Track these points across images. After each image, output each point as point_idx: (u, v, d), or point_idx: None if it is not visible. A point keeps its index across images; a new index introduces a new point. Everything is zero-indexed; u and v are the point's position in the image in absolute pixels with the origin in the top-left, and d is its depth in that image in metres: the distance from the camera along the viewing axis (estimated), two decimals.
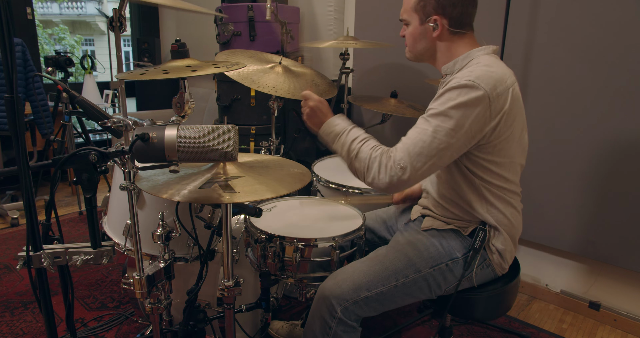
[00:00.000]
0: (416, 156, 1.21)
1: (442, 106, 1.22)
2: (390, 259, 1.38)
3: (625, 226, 2.00)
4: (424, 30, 1.36)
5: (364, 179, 1.29)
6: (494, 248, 1.39)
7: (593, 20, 1.95)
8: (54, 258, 0.97)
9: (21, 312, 2.11)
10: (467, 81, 1.20)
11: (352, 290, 1.31)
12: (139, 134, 0.88)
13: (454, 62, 1.35)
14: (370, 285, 1.32)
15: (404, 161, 1.21)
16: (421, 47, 1.39)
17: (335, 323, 1.31)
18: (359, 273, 1.35)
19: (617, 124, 1.96)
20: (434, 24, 1.33)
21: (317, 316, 1.35)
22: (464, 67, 1.31)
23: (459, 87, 1.21)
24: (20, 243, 2.78)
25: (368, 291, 1.32)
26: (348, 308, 1.31)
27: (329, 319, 1.32)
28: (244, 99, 2.87)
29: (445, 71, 1.39)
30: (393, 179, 1.22)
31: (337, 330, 1.32)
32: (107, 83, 4.14)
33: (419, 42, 1.39)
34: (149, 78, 0.95)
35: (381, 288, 1.33)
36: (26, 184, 0.93)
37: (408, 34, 1.40)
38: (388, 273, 1.34)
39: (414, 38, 1.39)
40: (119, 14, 1.13)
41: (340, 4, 3.05)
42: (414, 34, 1.38)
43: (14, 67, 0.88)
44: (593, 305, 2.22)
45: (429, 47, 1.38)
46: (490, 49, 1.35)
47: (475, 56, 1.32)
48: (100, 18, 10.58)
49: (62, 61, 2.90)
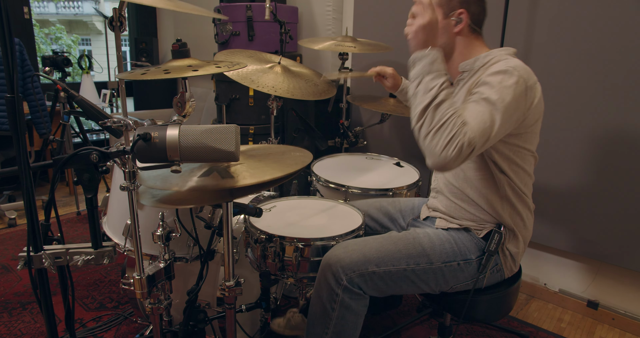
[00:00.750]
0: (479, 137, 1.13)
1: (492, 89, 1.18)
2: (404, 243, 1.37)
3: (624, 225, 2.01)
4: (446, 24, 1.34)
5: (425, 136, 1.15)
6: (508, 252, 1.39)
7: (591, 20, 1.96)
8: (55, 258, 0.97)
9: (19, 312, 2.11)
10: (508, 67, 1.20)
11: (361, 262, 1.31)
12: (141, 134, 0.87)
13: (475, 59, 1.35)
14: (380, 262, 1.32)
15: (475, 140, 1.11)
16: (441, 42, 1.35)
17: (342, 290, 1.31)
18: (370, 247, 1.35)
19: (616, 123, 1.96)
20: (457, 18, 1.32)
21: (324, 284, 1.34)
22: (488, 63, 1.31)
23: (501, 73, 1.20)
24: (18, 244, 2.77)
25: (377, 267, 1.32)
26: (353, 279, 1.30)
27: (335, 286, 1.31)
28: (243, 99, 2.87)
29: (463, 68, 1.38)
30: (459, 157, 1.11)
31: (344, 297, 1.31)
32: (105, 83, 4.13)
33: (439, 37, 1.33)
34: (150, 78, 0.94)
35: (390, 268, 1.32)
36: (27, 184, 0.92)
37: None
38: (400, 256, 1.34)
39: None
40: (119, 14, 1.12)
41: (338, 4, 3.05)
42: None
43: (14, 67, 0.88)
44: (591, 304, 2.22)
45: (449, 42, 1.36)
46: (511, 50, 1.36)
47: (497, 55, 1.32)
48: (97, 17, 10.55)
49: (59, 61, 2.89)
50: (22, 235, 2.88)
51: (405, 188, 1.88)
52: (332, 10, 3.04)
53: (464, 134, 1.11)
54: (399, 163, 2.19)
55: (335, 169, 2.10)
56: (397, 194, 1.86)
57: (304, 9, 3.18)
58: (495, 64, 1.28)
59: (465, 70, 1.38)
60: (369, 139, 2.93)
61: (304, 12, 3.19)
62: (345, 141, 2.43)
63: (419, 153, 2.72)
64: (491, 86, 1.19)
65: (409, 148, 2.75)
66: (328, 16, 3.06)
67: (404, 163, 2.19)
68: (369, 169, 2.13)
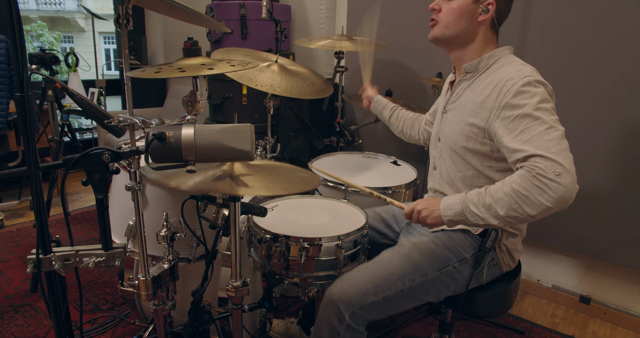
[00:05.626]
0: (558, 154, 1.10)
1: (530, 105, 1.17)
2: (396, 263, 1.37)
3: (615, 221, 2.05)
4: (473, 9, 1.31)
5: (536, 215, 1.12)
6: (505, 248, 1.41)
7: (585, 24, 1.99)
8: (64, 260, 0.95)
9: (11, 316, 2.06)
10: (528, 78, 1.20)
11: (359, 296, 1.31)
12: (156, 133, 0.86)
13: (479, 61, 1.35)
14: (377, 290, 1.32)
15: (555, 167, 1.09)
16: (463, 26, 1.33)
17: (344, 330, 1.31)
18: (365, 278, 1.34)
19: (607, 121, 2.00)
20: (485, 7, 1.31)
21: (325, 322, 1.34)
22: (492, 65, 1.32)
23: (527, 85, 1.20)
24: (6, 245, 2.71)
25: (375, 297, 1.32)
26: (356, 313, 1.31)
27: (337, 325, 1.31)
28: (236, 98, 2.84)
29: (467, 69, 1.39)
30: (558, 191, 1.08)
31: (345, 335, 1.32)
32: (92, 81, 4.05)
33: (462, 20, 1.32)
34: (164, 76, 0.93)
35: (387, 293, 1.33)
36: (36, 185, 0.90)
37: (451, 8, 1.33)
38: (394, 278, 1.34)
39: (460, 13, 1.32)
40: (125, 11, 1.11)
41: (331, 3, 3.05)
42: (461, 9, 1.31)
43: (25, 66, 0.86)
44: (583, 299, 2.27)
45: (469, 28, 1.34)
46: (511, 49, 1.37)
47: (501, 56, 1.33)
48: (79, 14, 10.35)
49: (47, 59, 2.82)
50: (10, 237, 2.82)
51: (403, 187, 1.89)
52: (325, 9, 3.04)
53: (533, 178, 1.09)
54: (396, 161, 2.21)
55: (333, 168, 2.10)
56: (396, 192, 1.87)
57: (297, 8, 3.17)
58: (490, 69, 1.31)
59: (470, 71, 1.39)
60: (363, 138, 2.94)
61: (297, 11, 3.18)
62: (341, 139, 2.43)
63: (414, 151, 2.75)
64: (527, 102, 1.18)
65: (404, 147, 2.76)
66: (321, 15, 3.06)
67: (401, 162, 2.20)
68: (367, 167, 2.14)
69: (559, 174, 1.08)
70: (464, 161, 1.37)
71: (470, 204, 1.18)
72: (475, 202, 1.17)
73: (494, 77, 1.29)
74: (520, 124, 1.16)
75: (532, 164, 1.11)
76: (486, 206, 1.16)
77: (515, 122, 1.17)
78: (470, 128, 1.32)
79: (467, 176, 1.38)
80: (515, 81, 1.21)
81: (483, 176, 1.36)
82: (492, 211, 1.15)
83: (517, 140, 1.16)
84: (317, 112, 2.80)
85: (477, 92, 1.33)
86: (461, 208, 1.20)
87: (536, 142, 1.12)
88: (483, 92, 1.30)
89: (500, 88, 1.24)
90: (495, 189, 1.16)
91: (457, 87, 1.43)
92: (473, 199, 1.18)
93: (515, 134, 1.17)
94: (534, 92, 1.18)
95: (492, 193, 1.16)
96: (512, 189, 1.12)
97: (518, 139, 1.16)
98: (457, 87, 1.43)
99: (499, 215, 1.14)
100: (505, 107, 1.21)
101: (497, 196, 1.14)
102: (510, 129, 1.18)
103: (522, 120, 1.16)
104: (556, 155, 1.09)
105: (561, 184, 1.07)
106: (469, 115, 1.33)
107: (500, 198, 1.13)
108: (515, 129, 1.17)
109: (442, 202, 1.25)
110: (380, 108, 1.97)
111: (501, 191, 1.14)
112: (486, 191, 1.18)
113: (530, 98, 1.18)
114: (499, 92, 1.24)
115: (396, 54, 2.69)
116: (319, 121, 2.90)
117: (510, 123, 1.19)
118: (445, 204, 1.23)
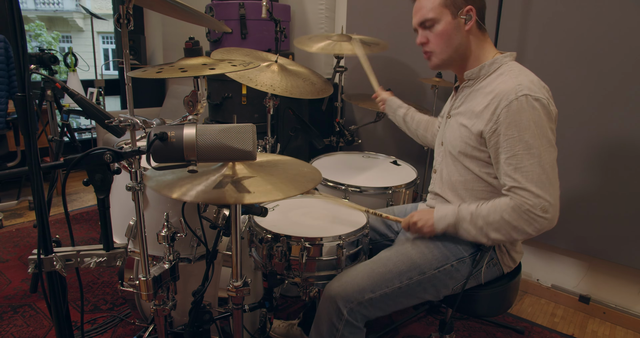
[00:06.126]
0: (547, 190, 1.20)
1: (524, 129, 1.21)
2: (394, 262, 1.39)
3: (615, 221, 2.06)
4: (457, 24, 1.32)
5: (520, 239, 1.29)
6: (504, 248, 1.41)
7: (585, 24, 2.00)
8: (66, 261, 0.95)
9: (11, 316, 2.05)
10: (525, 93, 1.20)
11: (357, 292, 1.32)
12: (158, 133, 0.86)
13: (480, 68, 1.36)
14: (375, 287, 1.34)
15: (542, 203, 1.20)
16: (457, 43, 1.34)
17: (342, 325, 1.33)
18: (362, 275, 1.36)
19: (608, 123, 2.01)
20: (466, 16, 1.31)
21: (325, 318, 1.36)
22: (493, 73, 1.33)
23: (524, 103, 1.20)
24: (5, 246, 2.70)
25: (372, 293, 1.33)
26: (354, 309, 1.32)
27: (336, 321, 1.33)
28: (235, 98, 2.84)
29: (469, 76, 1.39)
30: (544, 224, 1.22)
31: (344, 331, 1.33)
32: (91, 81, 4.05)
33: (453, 39, 1.33)
34: (166, 76, 0.93)
35: (385, 290, 1.34)
36: (37, 185, 0.90)
37: (437, 34, 1.35)
38: (392, 276, 1.36)
39: (448, 36, 1.34)
40: (125, 11, 1.10)
41: (331, 2, 3.05)
42: (447, 31, 1.33)
43: (26, 66, 0.86)
44: (583, 299, 2.27)
45: (463, 42, 1.35)
46: (513, 55, 1.36)
47: (503, 63, 1.34)
48: (78, 14, 10.33)
49: (46, 58, 2.82)
50: (10, 237, 2.81)
51: (403, 187, 1.89)
52: (324, 9, 3.04)
53: (520, 208, 1.21)
54: (396, 161, 2.21)
55: (333, 168, 2.10)
56: (396, 192, 1.87)
57: (296, 8, 3.17)
58: (491, 77, 1.32)
59: (471, 78, 1.39)
60: (363, 138, 2.94)
61: (297, 11, 3.18)
62: (341, 139, 2.43)
63: (414, 151, 2.75)
64: (517, 127, 1.21)
65: (404, 147, 2.76)
66: (320, 14, 3.06)
67: (401, 162, 2.20)
68: (367, 167, 2.14)
69: (546, 210, 1.20)
70: (463, 166, 1.39)
71: (464, 223, 1.31)
72: (468, 221, 1.30)
73: (493, 87, 1.29)
74: (514, 147, 1.22)
75: (522, 199, 1.21)
76: (477, 228, 1.29)
77: (509, 143, 1.22)
78: (468, 134, 1.33)
79: (467, 180, 1.39)
80: (513, 98, 1.21)
81: (482, 181, 1.37)
82: (482, 232, 1.29)
83: (509, 164, 1.23)
84: (317, 112, 2.81)
85: (477, 101, 1.33)
86: (454, 222, 1.33)
87: (528, 174, 1.20)
88: (482, 102, 1.31)
89: (498, 102, 1.24)
90: (486, 212, 1.27)
91: (460, 94, 1.44)
92: (466, 218, 1.31)
93: (507, 155, 1.23)
94: (528, 114, 1.20)
95: (484, 216, 1.27)
96: (503, 218, 1.24)
97: (509, 163, 1.23)
98: (460, 93, 1.44)
99: (489, 237, 1.28)
100: (500, 123, 1.23)
101: (489, 221, 1.27)
102: (504, 148, 1.24)
103: (515, 144, 1.21)
104: (545, 192, 1.19)
105: (546, 219, 1.21)
106: (467, 122, 1.34)
107: (491, 223, 1.26)
108: (508, 150, 1.23)
109: (435, 213, 1.37)
110: (395, 107, 1.94)
111: (492, 217, 1.26)
112: (478, 211, 1.29)
113: (525, 121, 1.20)
114: (496, 105, 1.25)
115: (396, 54, 2.69)
116: (318, 121, 2.90)
117: (505, 142, 1.23)
118: (438, 217, 1.36)
